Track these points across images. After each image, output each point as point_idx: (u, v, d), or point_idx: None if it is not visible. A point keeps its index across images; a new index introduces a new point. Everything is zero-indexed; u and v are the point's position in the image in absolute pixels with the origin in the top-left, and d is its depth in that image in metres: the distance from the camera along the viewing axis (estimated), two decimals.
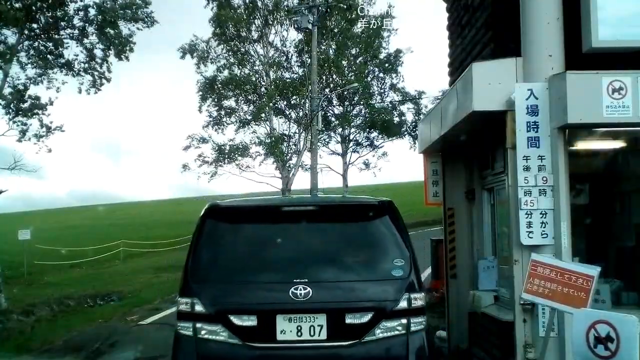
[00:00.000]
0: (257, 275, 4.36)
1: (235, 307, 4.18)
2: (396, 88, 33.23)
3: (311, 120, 23.90)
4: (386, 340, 4.10)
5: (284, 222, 4.61)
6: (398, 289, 4.15)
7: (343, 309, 4.13)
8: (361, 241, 4.53)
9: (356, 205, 5.06)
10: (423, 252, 18.71)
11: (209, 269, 4.46)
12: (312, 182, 23.87)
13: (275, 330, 4.09)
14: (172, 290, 13.08)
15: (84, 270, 20.76)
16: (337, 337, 4.09)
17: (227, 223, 4.66)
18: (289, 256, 4.42)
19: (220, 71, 28.80)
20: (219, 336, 4.14)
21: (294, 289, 4.07)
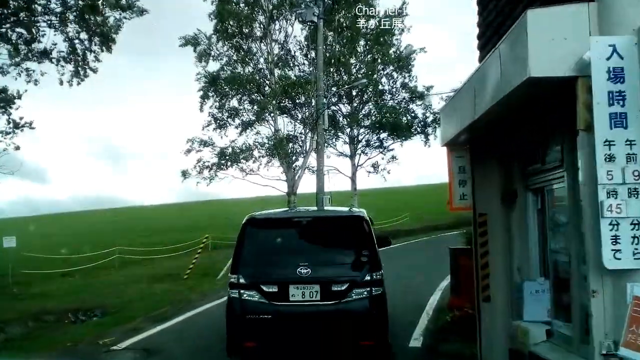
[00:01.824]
0: (277, 260, 6.97)
1: (263, 280, 6.68)
2: (407, 87, 31.85)
3: (317, 118, 22.50)
4: (357, 300, 6.62)
5: (293, 228, 7.38)
6: (364, 269, 6.74)
7: (330, 281, 6.66)
8: (343, 239, 7.26)
9: (339, 217, 8.10)
10: (436, 260, 17.29)
11: (247, 257, 6.92)
12: (318, 185, 22.47)
13: (288, 294, 6.60)
14: (161, 305, 11.80)
15: (75, 280, 19.49)
16: (327, 299, 6.59)
17: (259, 228, 7.28)
18: (296, 248, 7.06)
19: (222, 69, 27.54)
20: (254, 298, 6.67)
21: (300, 269, 6.62)
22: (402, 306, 9.93)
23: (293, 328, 6.63)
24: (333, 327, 6.57)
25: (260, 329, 6.64)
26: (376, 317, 6.65)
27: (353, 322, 6.59)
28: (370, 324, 6.63)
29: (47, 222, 74.69)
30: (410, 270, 15.64)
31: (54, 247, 33.05)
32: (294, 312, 6.65)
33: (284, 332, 6.62)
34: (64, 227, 59.92)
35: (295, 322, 6.64)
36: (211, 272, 19.49)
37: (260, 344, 6.74)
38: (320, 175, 22.43)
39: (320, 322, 6.57)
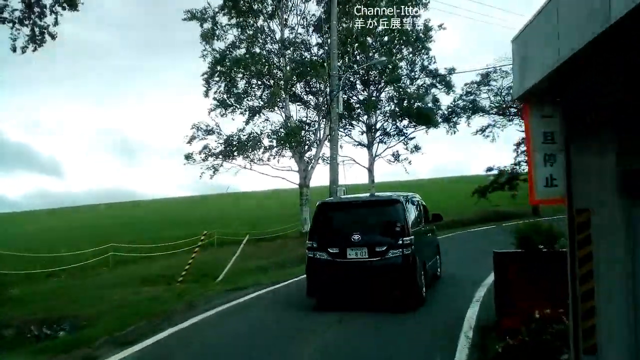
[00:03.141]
0: (339, 231, 9.95)
1: (329, 244, 9.69)
2: (427, 70, 29.37)
3: (330, 101, 20.22)
4: (393, 257, 9.40)
5: (350, 208, 10.64)
6: (398, 236, 9.45)
7: (374, 244, 9.51)
8: (384, 215, 10.06)
9: (381, 200, 10.89)
10: (464, 262, 14.97)
11: (318, 228, 10.10)
12: (332, 176, 20.21)
13: (346, 253, 9.54)
14: (137, 318, 9.69)
15: (61, 281, 17.58)
16: (372, 256, 9.48)
17: (327, 210, 10.55)
18: (352, 222, 9.92)
19: (230, 48, 25.37)
20: (323, 256, 9.69)
21: (354, 236, 9.52)
22: (432, 323, 8.61)
23: (349, 276, 9.55)
24: (376, 275, 9.42)
25: (328, 276, 9.72)
26: (407, 266, 9.44)
27: (390, 271, 9.39)
28: (402, 272, 9.42)
29: (60, 215, 73.76)
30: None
31: (54, 242, 31.42)
32: (349, 265, 9.56)
33: (343, 278, 9.59)
34: (72, 220, 58.62)
35: (351, 272, 9.54)
36: (211, 273, 17.44)
37: (327, 287, 9.81)
38: (334, 165, 20.17)
39: (367, 271, 9.48)
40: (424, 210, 12.00)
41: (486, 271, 10.33)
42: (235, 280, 14.72)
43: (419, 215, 11.30)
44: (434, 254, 12.34)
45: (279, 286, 12.60)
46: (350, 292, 9.65)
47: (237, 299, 10.89)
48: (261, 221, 38.03)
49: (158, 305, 10.90)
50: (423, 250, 10.52)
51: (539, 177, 3.69)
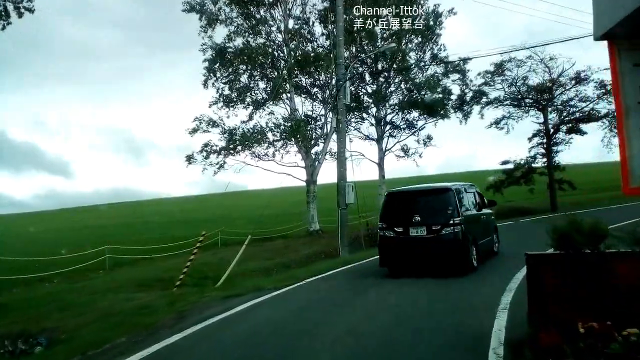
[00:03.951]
0: (402, 214, 12.25)
1: (395, 224, 12.17)
2: (438, 58, 28.03)
3: (337, 91, 19.01)
4: (446, 234, 11.71)
5: (412, 196, 13.09)
6: (450, 217, 11.78)
7: (431, 224, 11.79)
8: (438, 201, 12.27)
9: (436, 189, 13.16)
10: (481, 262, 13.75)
11: (387, 212, 12.58)
12: (340, 171, 19.01)
13: (409, 232, 11.94)
14: (119, 331, 8.60)
15: (53, 286, 16.63)
16: (429, 233, 11.78)
17: (393, 197, 12.99)
18: (413, 207, 12.28)
19: (231, 39, 24.25)
20: (390, 234, 12.23)
21: (414, 218, 11.93)
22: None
23: (412, 249, 12.00)
24: (433, 248, 11.79)
25: (395, 250, 12.30)
26: (457, 241, 11.76)
27: (443, 245, 11.75)
28: (453, 246, 11.77)
29: (66, 216, 73.21)
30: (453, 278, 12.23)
31: (56, 244, 30.55)
32: (412, 241, 12.00)
33: (407, 251, 12.08)
34: (78, 221, 57.89)
35: (412, 246, 11.98)
36: (212, 275, 16.42)
37: (395, 259, 12.47)
38: (342, 159, 18.96)
39: (425, 245, 11.85)
40: (479, 197, 14.44)
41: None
42: (235, 285, 13.64)
43: (471, 201, 13.60)
44: (489, 233, 14.44)
45: (280, 292, 11.45)
46: (412, 262, 12.29)
47: (233, 308, 9.74)
48: (268, 220, 37.00)
49: (146, 315, 9.81)
50: (475, 229, 12.82)
51: (635, 155, 2.50)
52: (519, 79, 31.82)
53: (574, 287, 6.73)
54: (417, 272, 11.76)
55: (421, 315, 8.28)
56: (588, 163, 61.31)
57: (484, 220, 14.10)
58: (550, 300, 6.79)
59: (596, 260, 6.62)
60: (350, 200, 18.95)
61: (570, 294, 6.73)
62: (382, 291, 10.84)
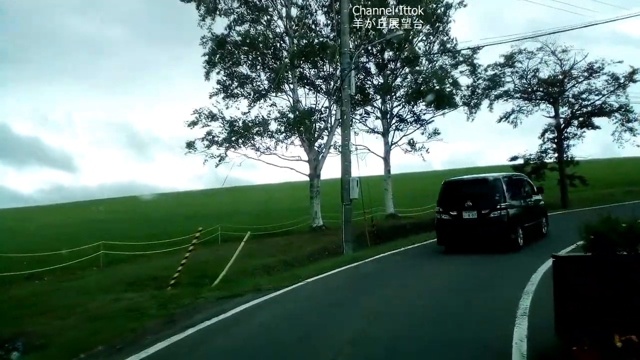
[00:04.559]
0: (456, 200, 14.55)
1: (450, 209, 14.51)
2: (447, 49, 27.08)
3: (342, 81, 18.16)
4: (493, 217, 13.85)
5: (465, 184, 15.35)
6: (497, 202, 13.92)
7: (481, 208, 14.00)
8: (487, 189, 14.42)
9: (486, 178, 15.14)
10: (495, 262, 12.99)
11: (443, 198, 14.91)
12: (344, 165, 18.18)
13: (462, 215, 14.20)
14: (103, 337, 7.84)
15: (42, 284, 15.90)
16: (479, 217, 13.97)
17: (449, 186, 15.15)
18: (466, 194, 14.50)
19: (231, 28, 23.42)
20: (446, 217, 14.60)
21: (467, 203, 14.20)
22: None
23: (464, 230, 14.18)
24: (482, 229, 13.90)
25: (450, 231, 14.57)
26: (502, 223, 13.83)
27: (491, 226, 13.84)
28: (500, 227, 13.84)
29: (67, 211, 72.69)
30: (468, 280, 11.47)
31: (53, 240, 29.92)
32: (464, 222, 14.17)
33: (460, 232, 14.28)
34: (79, 216, 57.34)
35: (465, 227, 14.17)
36: (210, 274, 15.63)
37: (450, 238, 14.77)
38: (346, 153, 18.13)
39: (476, 227, 14.00)
40: (527, 185, 16.73)
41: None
42: (233, 284, 12.87)
43: (518, 188, 15.70)
44: (537, 217, 16.37)
45: (280, 293, 10.67)
46: (465, 241, 14.42)
47: (227, 312, 8.97)
48: (271, 215, 36.26)
49: (133, 319, 9.03)
50: (521, 213, 14.83)
51: None
52: (529, 72, 30.92)
53: (608, 294, 5.91)
54: (425, 280, 11.23)
55: (439, 309, 7.48)
56: (595, 159, 60.36)
57: (531, 206, 16.04)
58: (581, 308, 5.97)
59: (634, 263, 5.82)
60: (355, 196, 18.16)
61: (605, 302, 5.91)
62: (387, 292, 10.04)
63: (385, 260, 14.79)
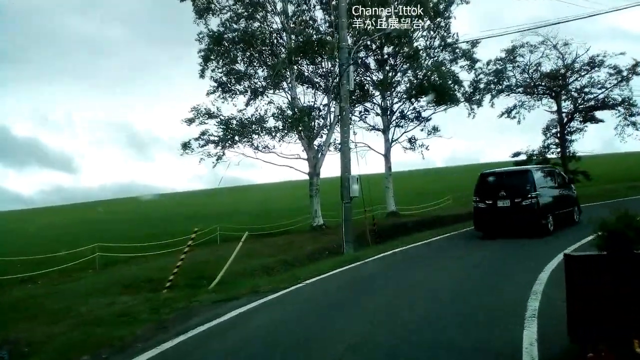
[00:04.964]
0: (491, 190, 16.06)
1: (486, 198, 16.08)
2: (448, 44, 26.64)
3: (340, 77, 17.76)
4: (525, 205, 15.45)
5: (498, 176, 16.67)
6: (528, 192, 15.54)
7: (513, 197, 15.58)
8: (519, 180, 16.12)
9: (518, 170, 18.58)
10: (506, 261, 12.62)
11: (480, 188, 16.39)
12: (343, 162, 17.79)
13: (497, 203, 15.75)
14: (90, 346, 7.47)
15: (35, 287, 15.55)
16: (512, 204, 15.56)
17: (485, 177, 16.70)
18: (500, 185, 16.10)
19: (226, 26, 23.01)
20: (482, 205, 16.14)
21: (501, 193, 15.77)
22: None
23: (499, 217, 15.66)
24: (515, 216, 15.39)
25: (486, 218, 16.04)
26: (533, 211, 15.37)
27: (523, 213, 15.33)
28: (531, 214, 15.36)
29: (67, 212, 72.35)
30: (473, 280, 11.09)
31: (51, 241, 29.60)
32: (499, 210, 15.67)
33: (495, 219, 15.76)
34: (79, 217, 56.98)
35: (499, 214, 15.65)
36: (208, 275, 15.25)
37: (485, 224, 16.19)
38: (345, 150, 17.72)
39: (509, 214, 15.48)
40: (558, 176, 18.22)
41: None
42: (230, 286, 12.49)
43: (549, 179, 17.30)
44: (567, 206, 17.70)
45: (278, 295, 10.29)
46: (499, 227, 15.82)
47: (222, 316, 8.59)
48: (271, 214, 35.91)
49: (123, 325, 8.65)
50: (551, 201, 16.38)
51: None
52: (531, 66, 30.50)
53: (625, 295, 5.53)
54: (429, 280, 10.87)
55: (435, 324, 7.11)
56: (596, 155, 59.94)
57: (562, 195, 17.54)
58: (595, 311, 5.59)
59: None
60: (355, 194, 17.76)
61: (622, 304, 5.53)
62: (389, 293, 9.66)
63: (387, 259, 14.40)
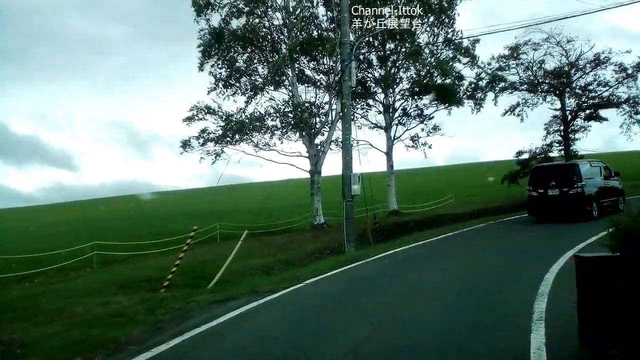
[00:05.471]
0: (543, 180, 19.22)
1: (538, 187, 19.20)
2: (451, 42, 26.33)
3: (342, 73, 17.50)
4: (572, 194, 18.51)
5: (549, 169, 20.65)
6: (574, 182, 18.63)
7: (562, 187, 18.70)
8: (567, 172, 19.35)
9: (567, 164, 22.18)
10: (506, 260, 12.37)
11: (533, 179, 20.07)
12: (345, 160, 17.53)
13: (548, 192, 18.88)
14: (82, 348, 7.24)
15: (32, 286, 15.34)
16: (561, 193, 18.66)
17: (538, 170, 20.84)
18: (550, 176, 19.34)
19: (226, 22, 22.76)
20: (535, 194, 19.28)
21: (551, 183, 18.89)
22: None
23: (549, 204, 18.51)
24: (563, 203, 18.20)
25: (538, 204, 19.01)
26: (579, 199, 18.10)
27: (570, 201, 18.12)
28: (577, 201, 18.08)
29: (67, 210, 72.22)
30: (479, 278, 10.85)
31: (49, 239, 29.41)
32: (549, 198, 18.50)
33: (546, 205, 18.66)
34: (81, 215, 56.80)
35: (550, 202, 18.47)
36: (207, 274, 15.03)
37: (538, 210, 19.18)
38: (347, 147, 17.47)
39: (558, 202, 18.30)
40: (605, 170, 20.53)
41: None
42: (229, 286, 12.26)
43: (595, 172, 19.84)
44: (612, 196, 20.35)
45: (277, 296, 10.05)
46: (549, 213, 18.61)
47: (219, 317, 8.36)
48: (272, 213, 35.66)
49: (118, 326, 8.41)
50: (596, 191, 19.15)
51: None
52: (535, 63, 30.17)
53: (637, 295, 5.28)
54: (431, 281, 10.82)
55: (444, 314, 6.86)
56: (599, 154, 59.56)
57: (607, 186, 20.18)
58: (608, 315, 5.35)
59: None
60: (357, 192, 17.52)
61: (634, 304, 5.28)
62: (391, 294, 9.41)
63: (389, 259, 14.15)
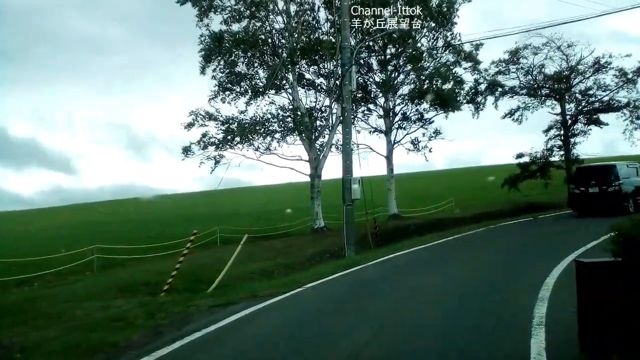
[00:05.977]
0: (583, 179, 22.28)
1: (580, 186, 22.14)
2: (452, 46, 26.36)
3: (342, 77, 17.51)
4: (610, 191, 21.25)
5: (590, 170, 23.70)
6: (612, 181, 21.42)
7: (601, 185, 21.46)
8: (606, 172, 22.10)
9: (605, 165, 23.31)
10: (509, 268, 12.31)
11: (575, 178, 23.34)
12: (345, 164, 17.52)
13: (588, 190, 21.66)
14: (80, 353, 7.21)
15: (32, 289, 15.32)
16: (600, 191, 21.40)
17: (580, 170, 24.61)
18: (591, 175, 22.36)
19: (227, 24, 22.81)
20: (577, 191, 22.18)
21: (591, 182, 21.71)
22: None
23: (590, 200, 21.29)
24: (602, 200, 20.79)
25: (579, 200, 21.90)
26: (616, 195, 20.88)
27: (608, 198, 20.75)
28: (614, 198, 20.69)
29: (67, 213, 72.11)
30: (480, 282, 10.81)
31: (48, 243, 29.36)
32: (590, 195, 21.30)
33: (587, 201, 21.42)
34: (80, 218, 56.71)
35: (590, 198, 21.25)
36: (207, 278, 14.99)
37: (579, 205, 22.07)
38: (347, 150, 17.46)
39: (598, 198, 20.98)
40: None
41: None
42: (228, 291, 12.21)
43: (632, 172, 22.39)
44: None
45: (277, 300, 10.02)
46: (590, 208, 20.72)
47: (218, 322, 8.33)
48: (272, 216, 35.61)
49: (117, 330, 8.38)
50: (633, 189, 21.60)
51: None
52: (535, 68, 30.23)
53: (637, 301, 5.27)
54: (432, 285, 10.77)
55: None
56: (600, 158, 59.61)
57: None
58: (610, 321, 5.33)
59: None
60: (357, 196, 17.50)
61: (634, 310, 5.26)
62: (391, 298, 9.37)
63: (389, 263, 14.13)
